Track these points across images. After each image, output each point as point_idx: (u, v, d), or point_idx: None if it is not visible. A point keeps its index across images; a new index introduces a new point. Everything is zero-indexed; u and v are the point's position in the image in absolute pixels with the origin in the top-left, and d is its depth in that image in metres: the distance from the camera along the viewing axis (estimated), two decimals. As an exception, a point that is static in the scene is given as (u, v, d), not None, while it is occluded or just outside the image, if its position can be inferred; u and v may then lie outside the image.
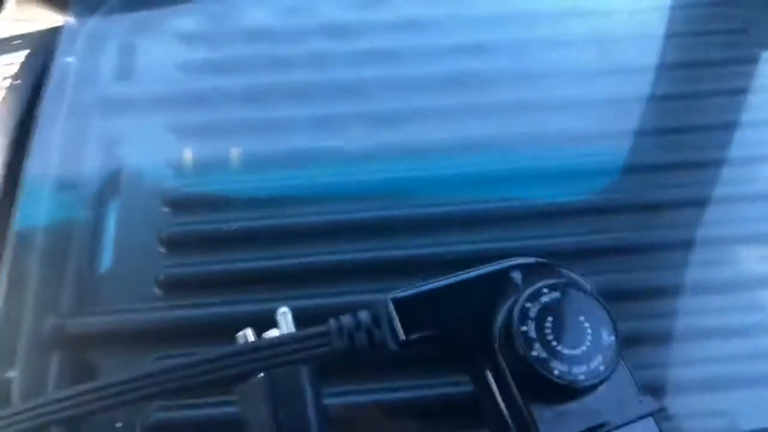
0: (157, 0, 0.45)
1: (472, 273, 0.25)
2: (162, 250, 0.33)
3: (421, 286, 0.25)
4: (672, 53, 0.43)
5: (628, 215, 0.36)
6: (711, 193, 0.37)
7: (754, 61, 0.43)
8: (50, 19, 0.43)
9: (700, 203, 0.37)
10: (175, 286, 0.32)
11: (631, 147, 0.39)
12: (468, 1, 0.45)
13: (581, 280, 0.26)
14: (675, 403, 0.30)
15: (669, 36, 0.43)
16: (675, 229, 0.36)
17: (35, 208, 0.35)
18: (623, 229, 0.35)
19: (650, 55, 0.43)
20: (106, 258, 0.33)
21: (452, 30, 0.44)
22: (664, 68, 0.42)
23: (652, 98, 0.41)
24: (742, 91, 0.41)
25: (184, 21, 0.43)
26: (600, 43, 0.43)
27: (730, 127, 0.40)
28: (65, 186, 0.36)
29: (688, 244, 0.35)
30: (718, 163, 0.38)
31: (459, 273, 0.25)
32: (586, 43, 0.43)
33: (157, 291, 0.32)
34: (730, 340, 0.32)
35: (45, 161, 0.37)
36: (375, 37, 0.44)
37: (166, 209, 0.35)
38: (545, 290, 0.23)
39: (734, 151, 0.39)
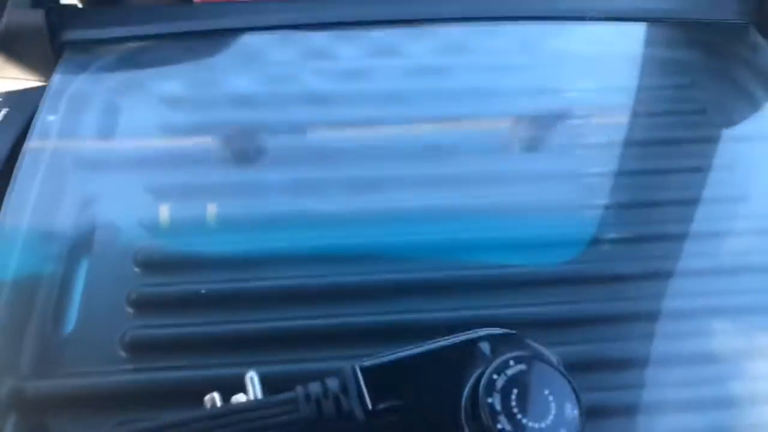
0: (145, 63, 0.46)
1: (441, 343, 0.26)
2: (130, 310, 0.33)
3: (390, 355, 0.25)
4: (636, 131, 0.45)
5: (594, 286, 0.37)
6: (675, 267, 0.38)
7: (713, 140, 0.46)
8: (36, 77, 0.44)
9: (665, 276, 0.38)
10: (141, 349, 0.32)
11: (597, 220, 0.40)
12: (444, 76, 0.47)
13: (547, 353, 0.26)
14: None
15: (633, 115, 0.46)
16: (640, 301, 0.36)
17: (3, 262, 0.35)
18: (589, 300, 0.36)
19: (615, 132, 0.45)
20: (71, 318, 0.33)
21: (427, 102, 0.46)
22: (628, 145, 0.44)
23: (618, 173, 0.43)
24: (703, 168, 0.43)
25: (170, 84, 0.44)
26: (568, 119, 0.45)
27: (692, 203, 0.41)
28: (35, 241, 0.36)
29: (652, 316, 0.36)
30: (681, 238, 0.40)
31: (427, 343, 0.26)
32: (555, 119, 0.45)
33: (123, 353, 0.32)
34: (695, 414, 0.32)
35: (18, 216, 0.37)
36: (353, 107, 0.45)
37: (136, 269, 0.35)
38: (512, 362, 0.24)
39: (697, 226, 0.40)
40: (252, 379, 0.26)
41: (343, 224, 0.38)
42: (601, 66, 0.48)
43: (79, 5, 0.56)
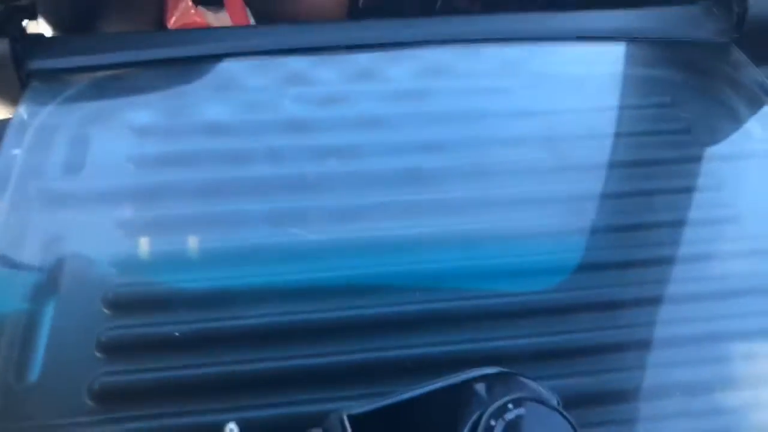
0: (115, 92, 0.44)
1: (433, 386, 0.24)
2: (99, 355, 0.31)
3: (379, 401, 0.24)
4: (621, 152, 0.44)
5: (588, 315, 0.35)
6: (668, 292, 0.37)
7: (699, 159, 0.45)
8: (1, 109, 0.42)
9: (658, 302, 0.37)
10: (111, 397, 0.30)
11: (586, 245, 0.39)
12: (425, 100, 0.46)
13: (546, 392, 0.24)
14: None
15: (617, 135, 0.45)
16: (634, 328, 0.35)
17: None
18: (583, 330, 0.35)
19: (600, 153, 0.44)
20: (37, 364, 0.31)
21: (409, 127, 0.44)
22: (614, 166, 0.43)
23: (605, 196, 0.42)
24: (691, 189, 0.43)
25: (140, 114, 0.43)
26: (551, 142, 0.44)
27: (682, 224, 0.40)
28: (-1, 282, 0.34)
29: (648, 344, 0.35)
30: (672, 261, 0.39)
31: (419, 386, 0.24)
32: (538, 142, 0.44)
33: (91, 403, 0.29)
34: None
35: (-19, 255, 0.35)
36: (333, 133, 0.44)
37: (106, 310, 0.33)
38: (510, 406, 0.22)
39: (688, 249, 0.39)
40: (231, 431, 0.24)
41: (324, 256, 0.37)
42: (583, 86, 0.48)
43: (48, 34, 0.55)
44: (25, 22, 0.48)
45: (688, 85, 0.49)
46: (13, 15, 0.46)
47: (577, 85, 0.47)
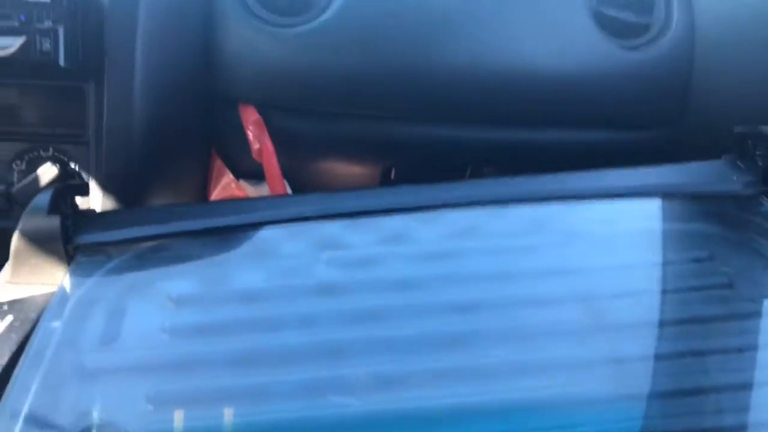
0: (154, 263, 0.46)
1: None
2: None
3: None
4: (664, 310, 0.43)
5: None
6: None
7: (746, 316, 0.43)
8: (47, 281, 0.44)
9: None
10: None
11: (633, 413, 0.37)
12: (456, 261, 0.46)
13: None
14: None
15: (658, 292, 0.44)
16: None
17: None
18: None
19: (641, 312, 0.43)
20: None
21: (441, 289, 0.44)
22: (657, 325, 0.42)
23: (649, 358, 0.40)
24: (742, 349, 0.40)
25: (177, 284, 0.44)
26: (588, 301, 0.43)
27: (737, 389, 0.38)
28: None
29: None
30: (725, 431, 0.36)
31: None
32: (574, 301, 0.43)
33: None
34: None
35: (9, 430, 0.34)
36: (365, 296, 0.44)
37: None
38: None
39: (747, 416, 0.36)
40: None
41: (361, 428, 0.35)
42: (616, 243, 0.47)
43: (97, 208, 0.58)
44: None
45: (723, 238, 0.48)
46: (68, 193, 0.49)
47: (609, 242, 0.47)
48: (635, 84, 0.66)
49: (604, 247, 0.47)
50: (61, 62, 0.55)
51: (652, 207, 0.50)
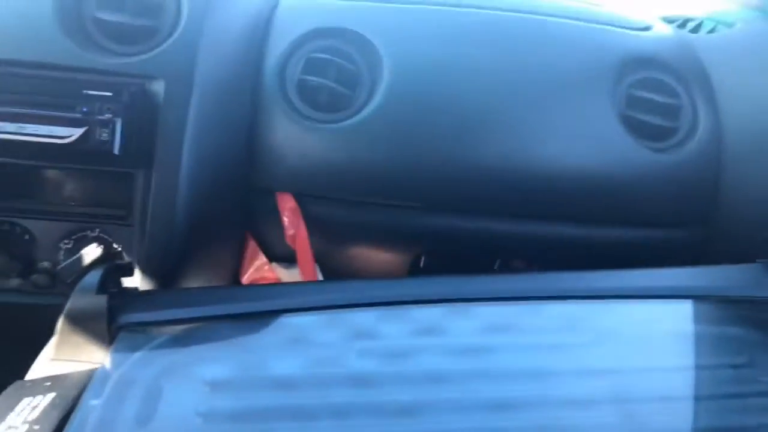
0: (192, 345, 0.47)
1: None
2: None
3: None
4: (702, 417, 0.42)
5: None
6: None
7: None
8: (90, 359, 0.45)
9: None
10: None
11: None
12: (490, 356, 0.46)
13: None
14: None
15: (696, 398, 0.43)
16: None
17: None
18: None
19: (678, 418, 0.42)
20: None
21: (473, 384, 0.44)
22: (693, 432, 0.41)
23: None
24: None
25: (212, 368, 0.44)
26: (622, 404, 0.43)
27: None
28: None
29: None
30: None
31: None
32: (608, 403, 0.42)
33: None
34: None
35: None
36: (397, 389, 0.44)
37: None
38: None
39: None
40: None
41: None
42: (651, 345, 0.47)
43: (138, 286, 0.60)
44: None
45: (762, 344, 0.48)
46: (115, 273, 0.51)
47: (644, 343, 0.47)
48: (663, 185, 0.67)
49: (639, 348, 0.47)
50: (116, 151, 0.58)
51: (688, 309, 0.50)
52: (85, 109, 0.58)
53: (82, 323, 0.46)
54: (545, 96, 0.66)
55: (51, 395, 0.40)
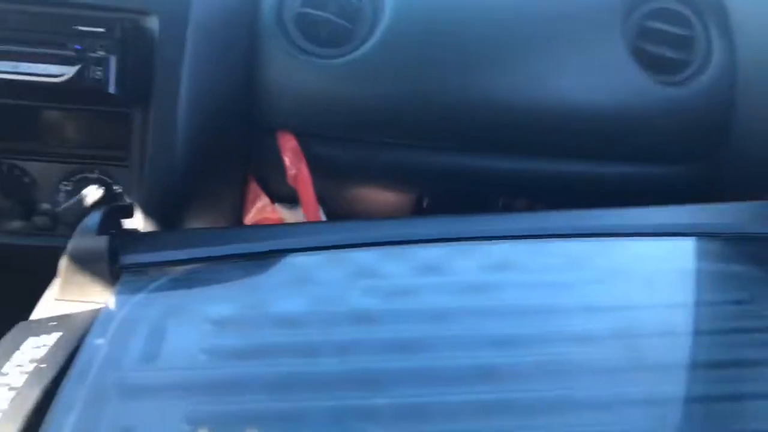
0: (195, 286, 0.47)
1: None
2: None
3: None
4: (704, 352, 0.42)
5: None
6: None
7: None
8: (94, 300, 0.45)
9: None
10: None
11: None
12: (492, 294, 0.46)
13: None
14: None
15: (698, 333, 0.43)
16: None
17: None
18: None
19: (680, 353, 0.42)
20: None
21: (476, 322, 0.44)
22: (697, 367, 0.41)
23: (689, 400, 0.39)
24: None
25: (216, 307, 0.44)
26: (625, 339, 0.43)
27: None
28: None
29: None
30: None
31: None
32: (611, 339, 0.43)
33: None
34: None
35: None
36: (400, 327, 0.44)
37: None
38: None
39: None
40: None
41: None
42: (655, 282, 0.47)
43: (139, 228, 0.60)
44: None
45: (763, 280, 0.48)
46: (115, 215, 0.51)
47: (648, 280, 0.47)
48: (673, 119, 0.66)
49: (643, 285, 0.47)
50: (111, 89, 0.57)
51: (693, 246, 0.49)
52: (78, 47, 0.56)
53: (85, 264, 0.45)
54: (553, 29, 0.64)
55: (56, 335, 0.41)
